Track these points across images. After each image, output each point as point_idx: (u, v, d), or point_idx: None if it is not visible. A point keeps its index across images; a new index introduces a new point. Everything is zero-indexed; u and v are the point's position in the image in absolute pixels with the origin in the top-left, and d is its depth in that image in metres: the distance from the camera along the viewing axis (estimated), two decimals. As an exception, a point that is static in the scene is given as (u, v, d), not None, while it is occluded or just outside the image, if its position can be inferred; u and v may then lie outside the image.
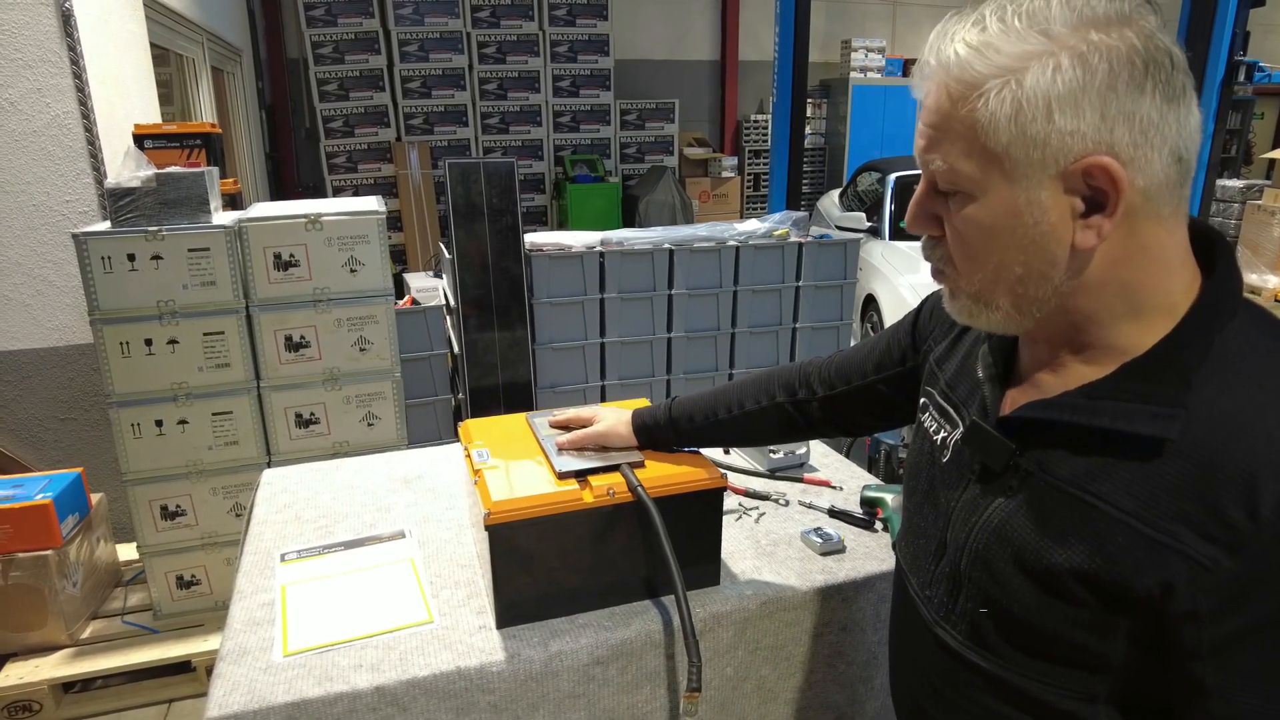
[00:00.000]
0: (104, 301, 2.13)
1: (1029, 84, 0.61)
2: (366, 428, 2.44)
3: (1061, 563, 0.66)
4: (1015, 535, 0.70)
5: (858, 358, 1.04)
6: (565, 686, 1.03)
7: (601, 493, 1.04)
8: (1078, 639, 0.67)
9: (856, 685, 1.23)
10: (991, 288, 0.69)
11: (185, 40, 4.23)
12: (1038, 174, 0.63)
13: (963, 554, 0.75)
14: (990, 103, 0.62)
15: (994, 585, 0.72)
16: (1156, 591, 0.61)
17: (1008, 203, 0.65)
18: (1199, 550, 0.59)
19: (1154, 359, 0.65)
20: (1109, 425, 0.65)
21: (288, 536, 1.30)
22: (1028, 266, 0.66)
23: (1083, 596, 0.65)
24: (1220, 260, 0.69)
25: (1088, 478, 0.66)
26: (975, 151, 0.64)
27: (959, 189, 0.67)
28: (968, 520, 0.75)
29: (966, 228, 0.68)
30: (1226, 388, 0.62)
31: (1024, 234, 0.65)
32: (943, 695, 0.80)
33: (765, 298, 3.38)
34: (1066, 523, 0.66)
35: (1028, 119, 0.61)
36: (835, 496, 1.42)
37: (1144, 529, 0.61)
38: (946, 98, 0.65)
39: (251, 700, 0.93)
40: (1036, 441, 0.70)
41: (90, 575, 2.46)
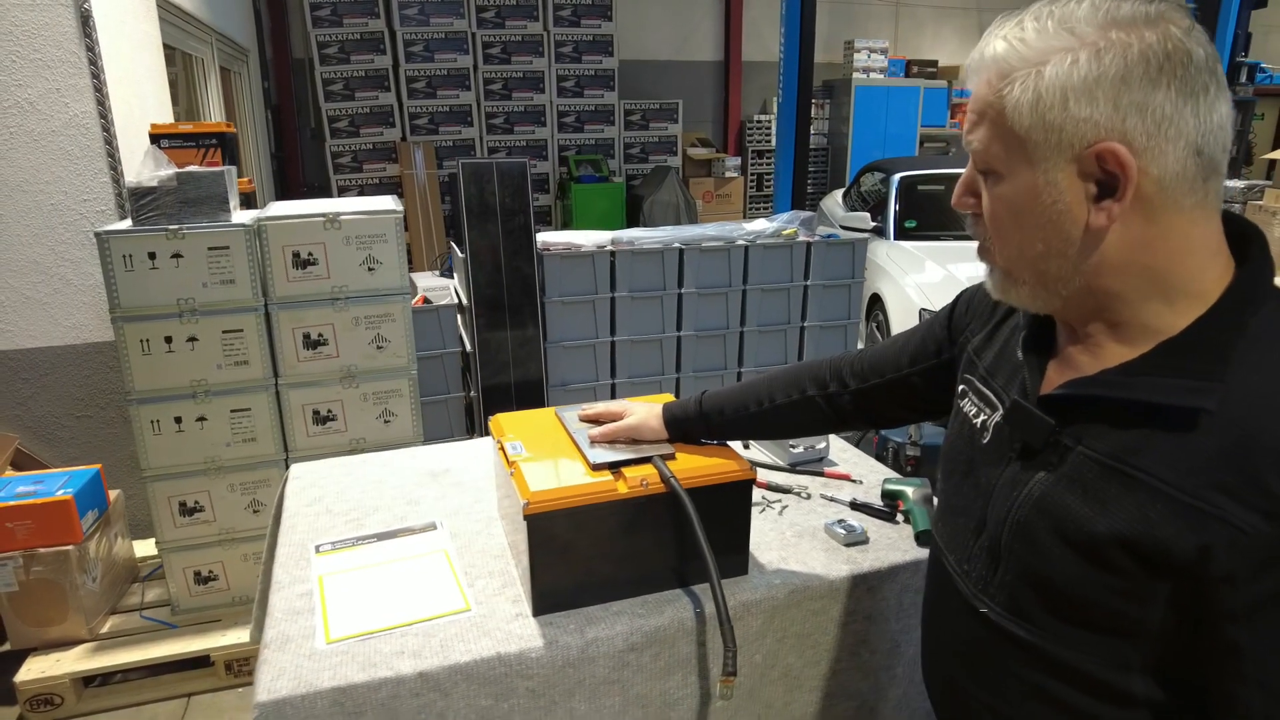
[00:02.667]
0: (125, 299, 2.16)
1: (1048, 75, 0.67)
2: (383, 425, 2.46)
3: (1103, 531, 0.69)
4: (1056, 507, 0.73)
5: (891, 351, 1.07)
6: (601, 672, 1.06)
7: (635, 484, 1.07)
8: (1117, 606, 0.70)
9: (880, 674, 1.26)
10: (1018, 263, 0.76)
11: (195, 40, 4.25)
12: (1055, 157, 0.69)
13: (1004, 527, 0.78)
14: (1015, 91, 0.69)
15: (1035, 556, 0.75)
16: (1195, 556, 0.64)
17: (1029, 183, 0.71)
18: (1239, 517, 0.62)
19: (1190, 337, 0.69)
20: (1147, 399, 0.68)
21: (320, 529, 1.33)
22: (1047, 244, 0.72)
23: (1124, 564, 0.68)
24: (1254, 250, 0.73)
25: (1127, 451, 0.69)
26: (1003, 135, 0.71)
27: (991, 169, 0.74)
28: (1009, 495, 0.78)
29: (996, 205, 0.75)
30: (1260, 367, 0.66)
31: (1042, 213, 0.71)
32: (980, 669, 0.83)
33: (774, 297, 3.41)
34: (1107, 493, 0.69)
35: (1046, 106, 0.68)
36: (855, 490, 1.45)
37: (1184, 497, 0.65)
38: (986, 86, 0.72)
39: (299, 685, 0.95)
40: (1076, 418, 0.74)
41: (109, 571, 2.48)
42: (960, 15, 9.45)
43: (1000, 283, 0.79)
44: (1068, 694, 0.75)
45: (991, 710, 0.83)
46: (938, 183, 5.42)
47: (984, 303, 0.95)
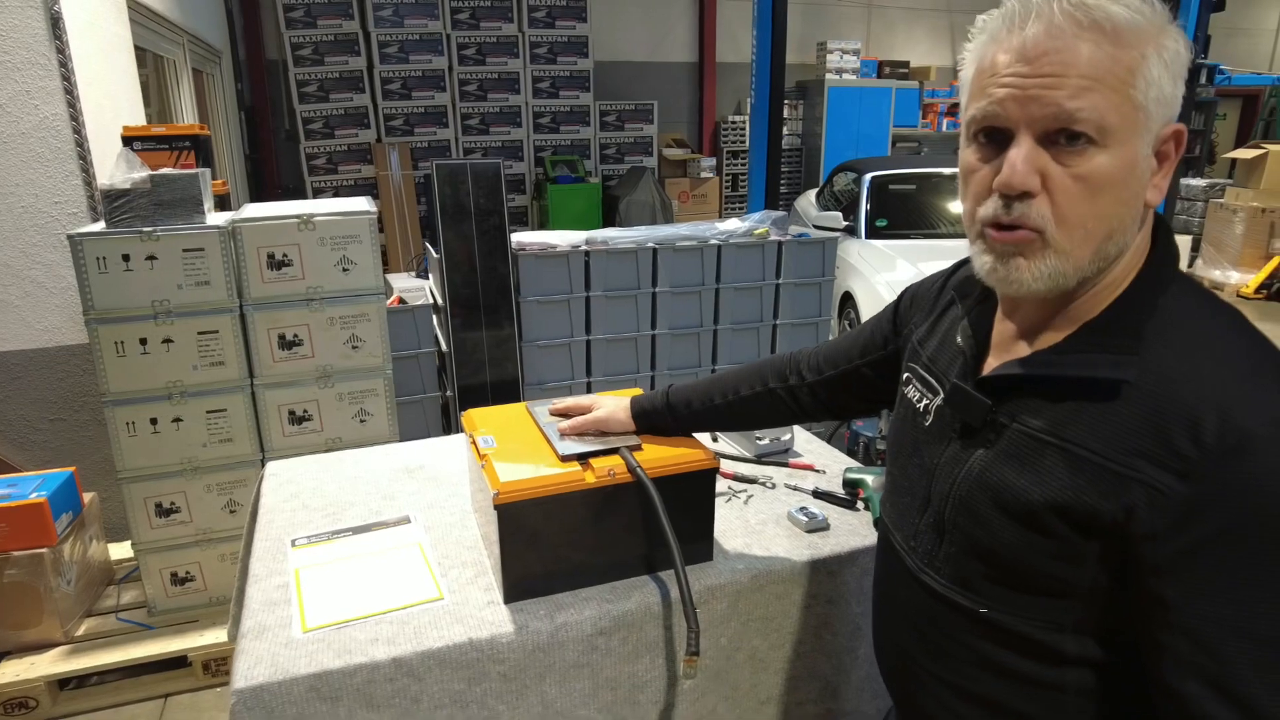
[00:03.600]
0: (99, 301, 2.16)
1: (1170, 49, 0.70)
2: (359, 424, 2.48)
3: (1038, 500, 0.74)
4: (995, 480, 0.78)
5: (844, 345, 1.13)
6: (570, 656, 1.09)
7: (603, 474, 1.11)
8: (1053, 569, 0.75)
9: (842, 655, 1.31)
10: (1086, 242, 0.73)
11: (167, 42, 4.23)
12: (1152, 130, 0.72)
13: (947, 503, 0.83)
14: (1148, 61, 0.70)
15: (977, 527, 0.80)
16: (1121, 516, 0.69)
17: (1133, 154, 0.71)
18: (1155, 478, 0.68)
19: (1109, 318, 0.76)
20: (1075, 374, 0.75)
21: (297, 524, 1.35)
22: (1120, 221, 0.74)
23: (1058, 529, 0.73)
24: (1161, 236, 0.80)
25: (1058, 424, 0.75)
26: (1123, 103, 0.70)
27: (1095, 139, 0.70)
28: (951, 472, 0.84)
29: (1088, 178, 0.71)
30: (1170, 342, 0.72)
31: (1131, 186, 0.73)
32: (928, 638, 0.88)
33: (746, 295, 3.46)
34: (1041, 465, 0.75)
35: (1166, 80, 0.71)
36: (819, 479, 1.50)
37: (1108, 464, 0.71)
38: (1103, 51, 0.69)
39: (275, 672, 0.98)
40: (1011, 397, 0.80)
41: (84, 573, 2.48)
42: (931, 16, 9.59)
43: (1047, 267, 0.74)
44: (1007, 657, 0.81)
45: (938, 678, 0.88)
46: (908, 182, 5.51)
47: (926, 297, 1.01)
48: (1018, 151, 0.72)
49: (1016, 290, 0.77)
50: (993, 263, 0.77)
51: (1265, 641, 0.66)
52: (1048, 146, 0.72)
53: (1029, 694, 0.81)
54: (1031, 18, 0.71)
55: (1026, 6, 0.72)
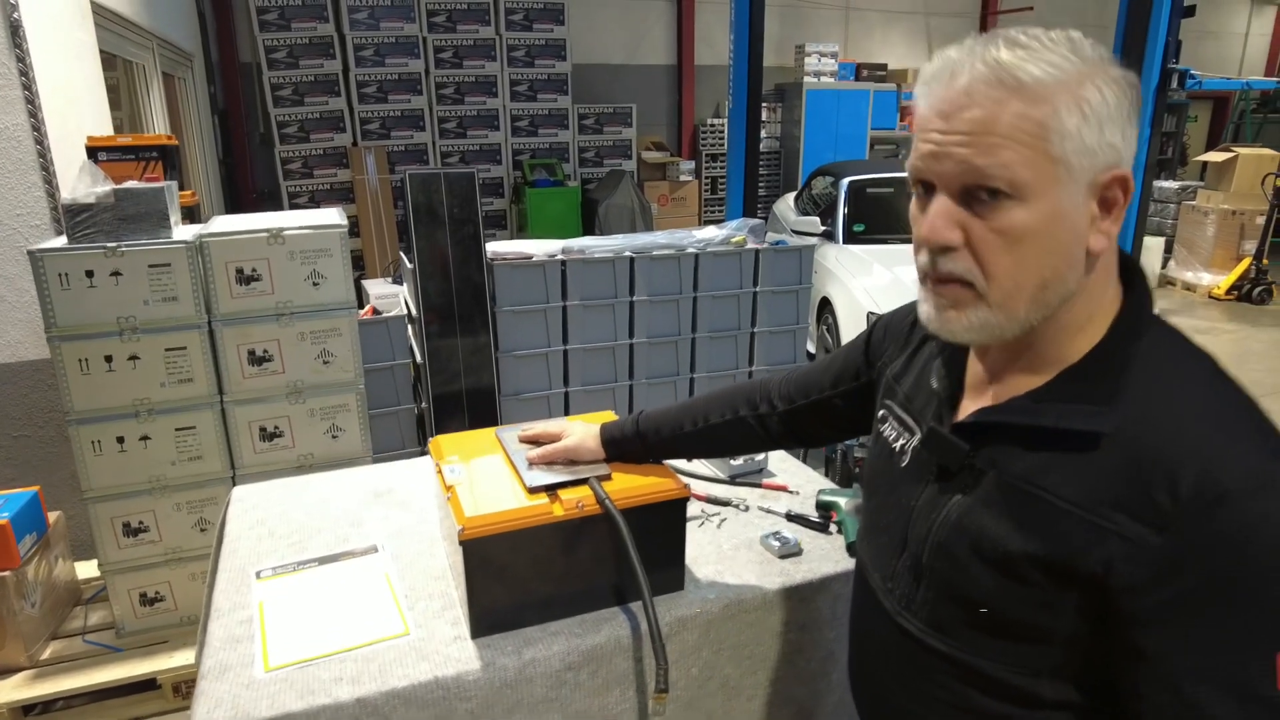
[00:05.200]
0: (62, 318, 2.11)
1: (1091, 99, 0.69)
2: (331, 440, 2.45)
3: (1016, 549, 0.74)
4: (973, 527, 0.78)
5: (815, 374, 1.12)
6: (539, 691, 1.08)
7: (571, 506, 1.09)
8: (1031, 617, 0.74)
9: (816, 680, 1.30)
10: (1016, 293, 0.73)
11: (135, 46, 4.16)
12: (1081, 180, 0.71)
13: (924, 547, 0.83)
14: (1059, 113, 0.69)
15: (955, 573, 0.79)
16: (1099, 570, 0.69)
17: (1054, 206, 0.71)
18: (1132, 531, 0.67)
19: (1087, 366, 0.75)
20: (1052, 424, 0.74)
21: (262, 553, 1.33)
22: (1055, 270, 0.73)
23: (1035, 578, 0.73)
24: (1136, 280, 0.79)
25: (1036, 473, 0.74)
26: (1037, 158, 0.70)
27: (1011, 194, 0.70)
28: (928, 516, 0.83)
29: (1012, 229, 0.71)
30: (1147, 392, 0.72)
31: (1061, 237, 0.72)
32: (905, 678, 0.87)
33: (724, 303, 3.46)
34: (1019, 514, 0.74)
35: (1088, 129, 0.70)
36: (792, 501, 1.49)
37: (1086, 515, 0.70)
38: (1014, 110, 0.69)
39: (236, 715, 0.96)
40: (988, 442, 0.79)
41: (49, 595, 2.43)
42: (908, 19, 9.65)
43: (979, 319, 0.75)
44: (983, 700, 0.80)
45: (914, 716, 0.87)
46: (886, 186, 5.53)
47: (900, 329, 1.00)
48: (934, 206, 0.74)
49: (954, 339, 0.79)
50: (930, 311, 0.78)
51: (1243, 696, 0.65)
52: (968, 202, 0.72)
53: None
54: (952, 72, 0.72)
55: (953, 60, 0.73)
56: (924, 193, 0.76)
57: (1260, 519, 0.64)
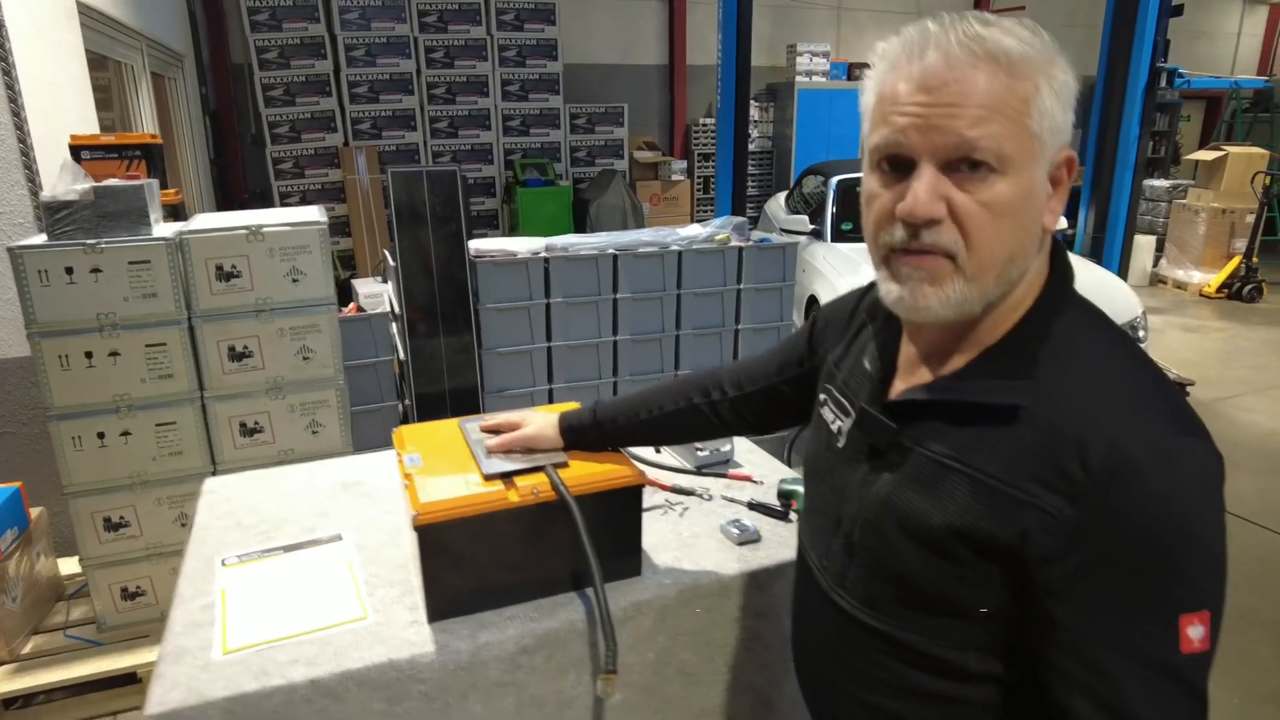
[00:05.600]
0: (41, 315, 2.13)
1: (1059, 80, 0.73)
2: (311, 435, 2.47)
3: (939, 524, 0.76)
4: (900, 504, 0.80)
5: (763, 362, 1.14)
6: (494, 675, 1.10)
7: (526, 493, 1.11)
8: (957, 591, 0.77)
9: (775, 667, 1.32)
10: (991, 266, 0.74)
11: (124, 47, 4.18)
12: (1047, 158, 0.74)
13: (856, 525, 0.85)
14: (1041, 91, 0.72)
15: (883, 549, 0.82)
16: (1016, 540, 0.71)
17: (1029, 181, 0.73)
18: (1048, 502, 0.70)
19: (1007, 343, 0.78)
20: (974, 399, 0.76)
21: (229, 543, 1.34)
22: (1022, 245, 0.75)
23: (958, 551, 0.75)
24: (1057, 260, 0.81)
25: (959, 449, 0.76)
26: (1020, 131, 0.71)
27: (995, 167, 0.71)
28: (859, 494, 0.85)
29: (995, 202, 0.72)
30: (1063, 367, 0.74)
31: (1029, 212, 0.75)
32: (840, 656, 0.89)
33: (707, 300, 3.48)
34: (942, 489, 0.76)
35: (1057, 108, 0.73)
36: (756, 490, 1.51)
37: (1004, 488, 0.72)
38: (1000, 82, 0.71)
39: (190, 696, 0.98)
40: (916, 420, 0.81)
41: (31, 590, 2.44)
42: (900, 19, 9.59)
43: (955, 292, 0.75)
44: (913, 675, 0.82)
45: (850, 695, 0.89)
46: (874, 185, 5.54)
47: (840, 317, 1.02)
48: (920, 181, 0.73)
49: (924, 318, 0.78)
50: (899, 291, 0.77)
51: (1149, 662, 0.68)
52: (950, 174, 0.73)
53: (936, 710, 0.82)
54: (929, 48, 0.73)
55: (924, 37, 0.74)
56: (890, 168, 0.76)
57: (1164, 491, 0.67)
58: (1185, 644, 0.67)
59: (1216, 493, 0.69)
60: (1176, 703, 0.68)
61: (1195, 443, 0.69)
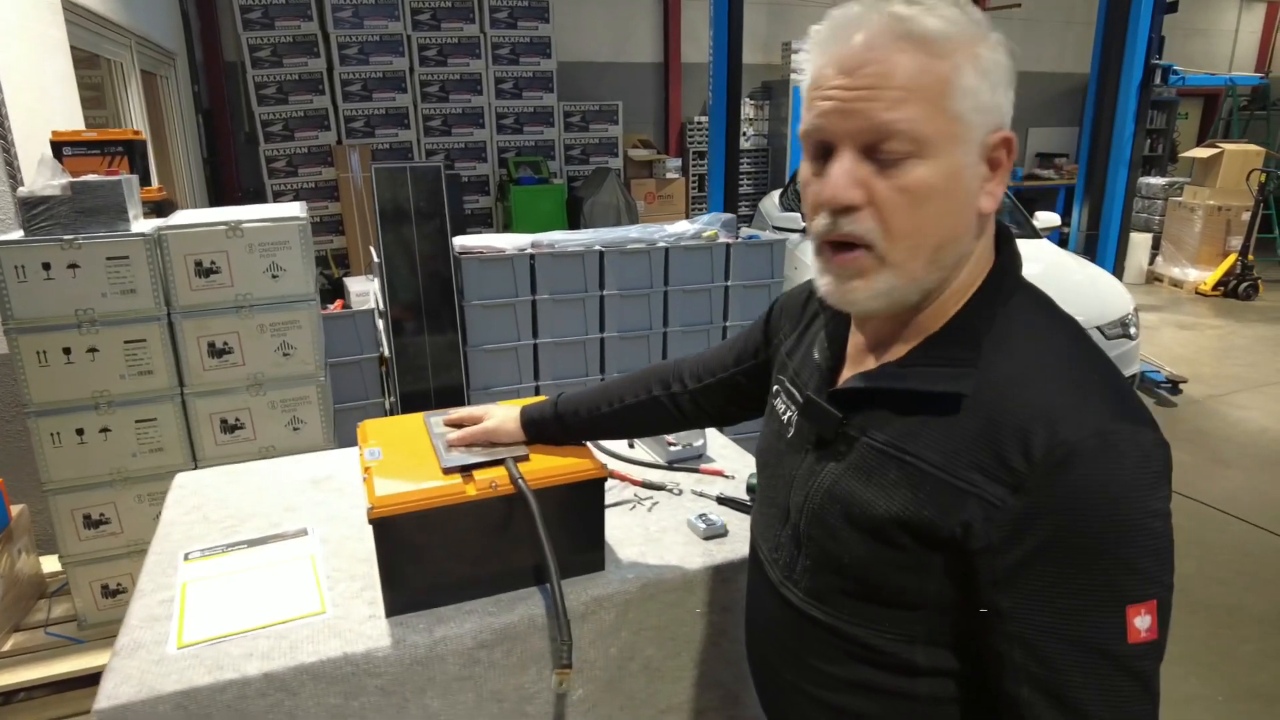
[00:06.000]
0: (19, 310, 2.12)
1: (985, 58, 0.71)
2: (292, 432, 2.46)
3: (882, 513, 0.75)
4: (844, 493, 0.79)
5: (721, 353, 1.14)
6: (452, 669, 1.09)
7: (485, 486, 1.10)
8: (901, 581, 0.76)
9: (741, 662, 1.30)
10: (916, 253, 0.73)
11: (112, 44, 4.17)
12: (975, 139, 0.72)
13: (802, 516, 0.84)
14: (961, 70, 0.70)
15: (829, 540, 0.81)
16: (959, 531, 0.70)
17: (953, 164, 0.71)
18: (990, 492, 0.69)
19: (950, 330, 0.77)
20: (916, 387, 0.75)
21: (194, 537, 1.34)
22: (952, 230, 0.74)
23: (902, 541, 0.74)
24: (1004, 245, 0.80)
25: (903, 438, 0.75)
26: (940, 113, 0.70)
27: (913, 151, 0.70)
28: (805, 484, 0.84)
29: (909, 191, 0.70)
30: (1007, 354, 0.73)
31: (957, 196, 0.73)
32: (788, 650, 0.89)
33: (695, 297, 3.47)
34: (886, 478, 0.76)
35: (984, 88, 0.71)
36: (726, 485, 1.50)
37: (947, 478, 0.71)
38: (917, 63, 0.69)
39: (140, 691, 0.97)
40: (862, 409, 0.80)
41: (11, 587, 2.44)
42: (896, 18, 9.65)
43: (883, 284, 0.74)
44: (861, 669, 0.81)
45: (798, 689, 0.88)
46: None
47: (794, 308, 1.01)
48: (838, 165, 0.72)
49: (855, 310, 0.79)
50: (831, 283, 0.77)
51: (1093, 650, 0.67)
52: (870, 159, 0.71)
53: (885, 705, 0.81)
54: (854, 29, 0.72)
55: (848, 17, 0.73)
56: (820, 155, 0.75)
57: (1106, 479, 0.66)
58: (1132, 634, 0.66)
59: (1160, 479, 0.68)
60: (1124, 693, 0.67)
61: (1138, 429, 0.68)
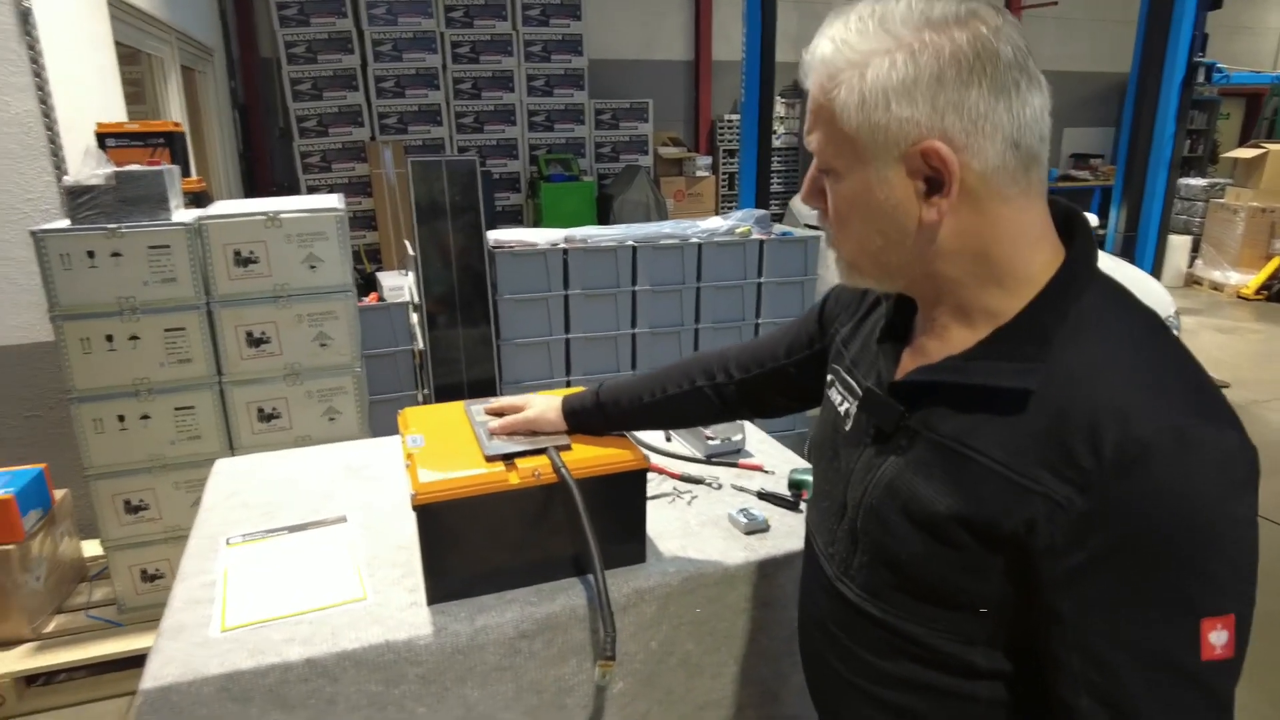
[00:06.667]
0: (64, 298, 2.16)
1: (870, 77, 0.70)
2: (328, 422, 2.48)
3: (942, 510, 0.73)
4: (903, 488, 0.77)
5: (770, 343, 1.11)
6: (491, 659, 1.08)
7: (527, 474, 1.09)
8: (960, 582, 0.73)
9: (781, 659, 1.29)
10: (860, 255, 0.79)
11: (154, 40, 4.23)
12: (884, 156, 0.71)
13: (859, 511, 0.82)
14: (842, 92, 0.71)
15: (886, 536, 0.78)
16: (1022, 529, 0.68)
17: (862, 180, 0.74)
18: (1057, 491, 0.66)
19: (1018, 323, 0.74)
20: (981, 382, 0.73)
21: (234, 522, 1.35)
22: (885, 237, 0.75)
23: (962, 540, 0.72)
24: (1078, 235, 0.77)
25: (966, 433, 0.73)
26: (835, 135, 0.74)
27: (829, 167, 0.76)
28: (864, 479, 0.82)
29: (837, 201, 0.77)
30: (1078, 348, 0.70)
31: (877, 208, 0.74)
32: (844, 646, 0.86)
33: (727, 294, 3.44)
34: (947, 474, 0.73)
35: (870, 107, 0.70)
36: (767, 480, 1.48)
37: (1011, 475, 0.69)
38: (818, 87, 0.74)
39: (186, 672, 0.97)
40: (923, 403, 0.77)
41: (54, 570, 2.48)
42: (931, 15, 9.53)
43: (845, 270, 0.82)
44: (918, 669, 0.79)
45: (853, 686, 0.86)
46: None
47: (852, 296, 0.99)
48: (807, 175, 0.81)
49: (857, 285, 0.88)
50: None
51: (1156, 660, 0.64)
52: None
53: (941, 705, 0.79)
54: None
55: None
56: None
57: (1183, 482, 0.62)
58: (1206, 650, 0.62)
59: (1246, 485, 0.64)
60: (1194, 710, 0.64)
61: (1221, 430, 0.64)
